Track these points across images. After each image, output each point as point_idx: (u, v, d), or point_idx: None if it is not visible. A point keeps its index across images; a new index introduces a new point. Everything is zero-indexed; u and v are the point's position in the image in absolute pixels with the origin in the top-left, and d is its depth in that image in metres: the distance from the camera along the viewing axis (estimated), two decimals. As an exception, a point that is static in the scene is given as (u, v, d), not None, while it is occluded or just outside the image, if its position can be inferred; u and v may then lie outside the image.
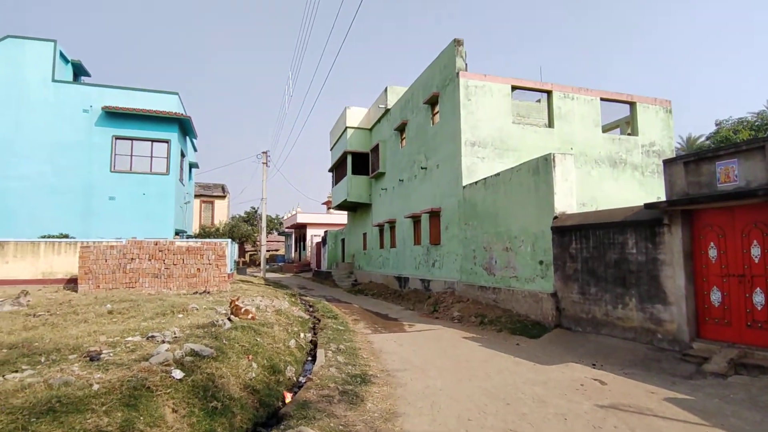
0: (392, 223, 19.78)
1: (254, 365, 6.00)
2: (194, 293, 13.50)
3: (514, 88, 14.70)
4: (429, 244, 15.84)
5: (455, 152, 14.00)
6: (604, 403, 5.32)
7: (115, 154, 18.61)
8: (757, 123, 28.65)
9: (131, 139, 18.83)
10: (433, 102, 15.84)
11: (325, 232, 33.00)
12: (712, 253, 6.97)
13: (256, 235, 44.90)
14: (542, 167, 10.08)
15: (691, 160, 7.20)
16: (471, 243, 13.10)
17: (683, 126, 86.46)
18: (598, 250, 8.73)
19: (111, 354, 5.37)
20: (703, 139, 31.85)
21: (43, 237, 16.15)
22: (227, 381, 5.13)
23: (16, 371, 4.66)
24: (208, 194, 40.08)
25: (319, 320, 12.02)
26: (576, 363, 7.19)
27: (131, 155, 18.86)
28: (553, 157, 9.82)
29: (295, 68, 68.86)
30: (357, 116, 23.45)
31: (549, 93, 14.74)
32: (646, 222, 7.79)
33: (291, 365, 6.95)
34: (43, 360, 5.23)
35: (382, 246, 21.25)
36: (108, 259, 13.74)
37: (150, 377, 4.34)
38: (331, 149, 27.26)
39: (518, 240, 10.92)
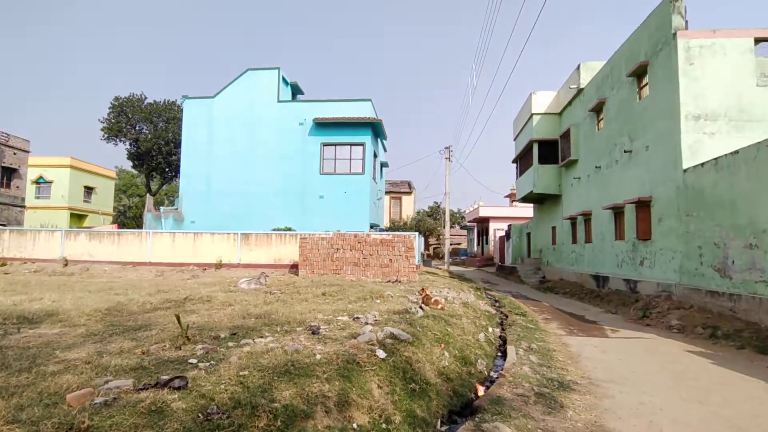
0: (587, 216, 17.83)
1: (446, 354, 6.16)
2: (387, 281, 14.70)
3: (758, 41, 11.52)
4: (635, 240, 13.72)
5: (671, 130, 11.75)
6: None
7: (323, 159, 21.72)
8: None
9: (335, 144, 21.68)
10: (639, 73, 13.60)
11: (509, 225, 31.95)
12: None
13: (439, 228, 46.39)
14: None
15: None
16: (695, 238, 10.82)
17: None
18: None
19: (327, 329, 6.21)
20: None
21: (274, 230, 19.89)
22: (423, 366, 5.38)
23: (262, 337, 5.80)
24: (397, 191, 43.15)
25: (507, 316, 11.70)
26: None
27: (335, 159, 21.71)
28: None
29: (479, 57, 66.16)
30: (544, 101, 21.86)
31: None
32: None
33: (482, 359, 6.91)
34: (278, 330, 6.37)
35: (574, 241, 19.39)
36: (320, 248, 16.07)
37: (359, 354, 4.85)
38: (514, 139, 26.16)
39: (769, 235, 8.52)
